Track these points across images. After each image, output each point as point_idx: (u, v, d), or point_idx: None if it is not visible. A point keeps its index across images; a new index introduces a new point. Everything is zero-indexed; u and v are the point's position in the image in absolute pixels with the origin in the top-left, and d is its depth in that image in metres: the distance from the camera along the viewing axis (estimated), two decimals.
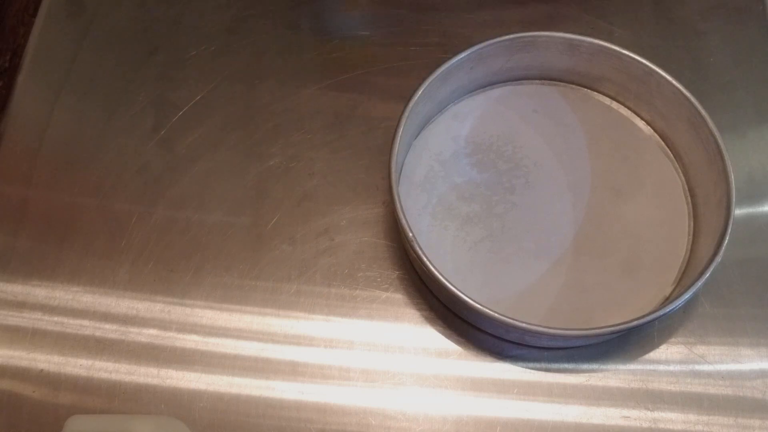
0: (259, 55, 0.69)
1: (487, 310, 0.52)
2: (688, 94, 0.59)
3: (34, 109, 0.66)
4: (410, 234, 0.54)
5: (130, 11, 0.71)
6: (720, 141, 0.57)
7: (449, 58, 0.59)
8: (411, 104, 0.58)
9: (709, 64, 0.69)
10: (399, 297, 0.59)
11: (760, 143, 0.65)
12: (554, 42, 0.61)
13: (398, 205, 0.55)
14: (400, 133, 0.57)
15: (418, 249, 0.54)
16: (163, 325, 0.58)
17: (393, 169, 0.56)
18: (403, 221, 0.54)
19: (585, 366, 0.57)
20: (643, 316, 0.52)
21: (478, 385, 0.56)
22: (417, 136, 0.63)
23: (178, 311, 0.59)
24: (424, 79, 0.59)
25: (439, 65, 0.59)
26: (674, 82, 0.59)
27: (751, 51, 0.70)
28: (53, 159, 0.64)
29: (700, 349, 0.58)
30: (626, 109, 0.65)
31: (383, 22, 0.70)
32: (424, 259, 0.54)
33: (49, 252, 0.60)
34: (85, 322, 0.58)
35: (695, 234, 0.59)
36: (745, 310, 0.59)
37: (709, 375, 0.57)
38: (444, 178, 0.62)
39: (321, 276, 0.60)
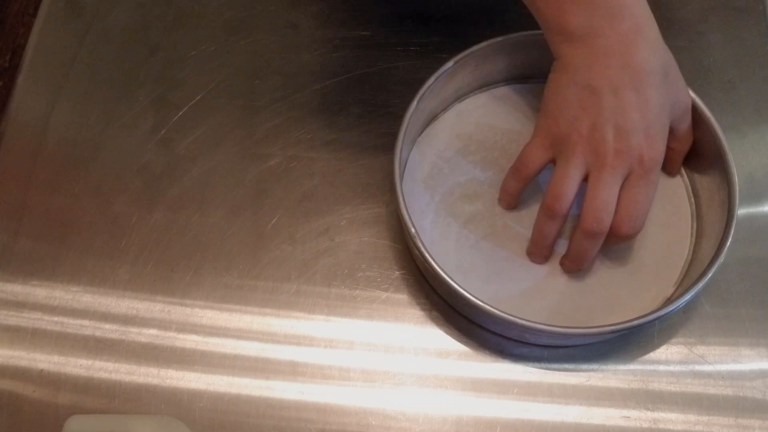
0: (259, 54, 0.69)
1: (489, 307, 0.52)
2: (692, 94, 0.59)
3: (34, 109, 0.66)
4: (413, 230, 0.54)
5: (130, 11, 0.71)
6: (724, 142, 0.57)
7: (454, 57, 0.59)
8: (416, 101, 0.58)
9: (709, 64, 0.69)
10: (399, 297, 0.59)
11: (760, 143, 0.65)
12: None
13: (401, 202, 0.55)
14: (405, 129, 0.57)
15: (420, 245, 0.54)
16: (163, 325, 0.58)
17: (397, 166, 0.56)
18: (406, 217, 0.55)
19: (585, 366, 0.57)
20: (644, 316, 0.52)
21: (479, 385, 0.56)
22: (421, 134, 0.63)
23: (178, 311, 0.59)
24: (428, 77, 0.59)
25: (443, 64, 0.59)
26: None
27: (751, 51, 0.70)
28: (53, 159, 0.64)
29: (700, 350, 0.58)
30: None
31: (384, 22, 0.70)
32: (426, 255, 0.54)
33: (49, 252, 0.60)
34: (85, 322, 0.58)
35: (698, 235, 0.59)
36: (745, 310, 0.59)
37: (709, 375, 0.57)
38: (448, 175, 0.62)
39: (321, 276, 0.60)
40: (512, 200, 0.59)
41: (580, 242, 0.55)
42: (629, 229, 0.54)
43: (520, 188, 0.58)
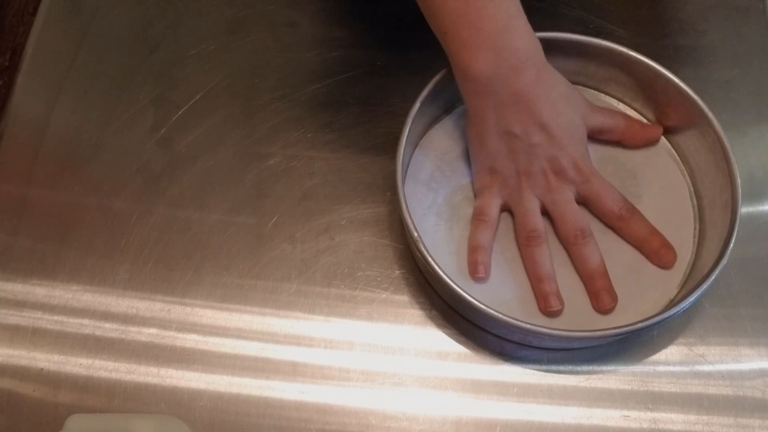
0: (259, 54, 0.69)
1: (492, 311, 0.52)
2: (695, 96, 0.59)
3: (34, 109, 0.66)
4: (415, 234, 0.54)
5: (130, 10, 0.71)
6: (727, 144, 0.57)
7: None
8: (418, 103, 0.58)
9: (709, 63, 0.69)
10: (399, 297, 0.59)
11: (760, 143, 0.65)
12: (562, 43, 0.61)
13: (404, 204, 0.55)
14: (407, 131, 0.57)
15: (422, 248, 0.54)
16: (163, 324, 0.58)
17: (399, 168, 0.56)
18: (408, 220, 0.54)
19: (585, 367, 0.57)
20: (647, 319, 0.52)
21: (479, 386, 0.56)
22: (424, 135, 0.63)
23: (178, 310, 0.59)
24: (430, 78, 0.59)
25: (444, 66, 0.59)
26: (682, 84, 0.59)
27: (751, 50, 0.70)
28: (53, 159, 0.64)
29: (701, 349, 0.58)
30: (633, 110, 0.64)
31: (384, 22, 0.70)
32: (429, 258, 0.54)
33: (49, 251, 0.60)
34: (85, 321, 0.58)
35: (700, 237, 0.59)
36: (745, 310, 0.59)
37: (709, 375, 0.57)
38: (450, 178, 0.61)
39: (321, 275, 0.60)
40: (487, 255, 0.58)
41: (581, 254, 0.58)
42: (615, 204, 0.58)
43: (492, 237, 0.59)
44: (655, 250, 0.58)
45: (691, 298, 0.53)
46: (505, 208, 0.60)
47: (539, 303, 0.57)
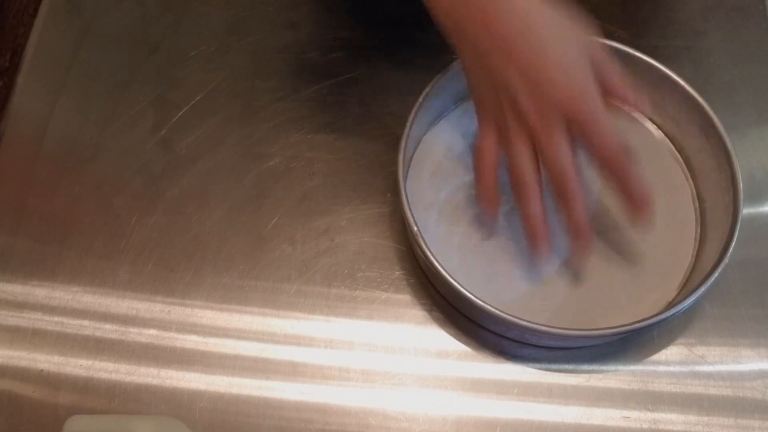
0: (259, 54, 0.69)
1: (491, 308, 0.52)
2: (700, 99, 0.59)
3: (34, 109, 0.66)
4: (415, 228, 0.54)
5: (130, 11, 0.71)
6: (730, 147, 0.57)
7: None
8: (418, 103, 0.58)
9: (709, 63, 0.69)
10: (399, 297, 0.59)
11: (761, 143, 0.65)
12: None
13: (404, 200, 0.55)
14: (408, 131, 0.57)
15: (422, 243, 0.54)
16: (163, 325, 0.58)
17: (401, 163, 0.56)
18: (409, 215, 0.55)
19: (585, 367, 0.57)
20: (646, 319, 0.52)
21: (479, 386, 0.56)
22: (426, 132, 0.63)
23: (178, 311, 0.59)
24: (432, 76, 0.59)
25: (447, 63, 0.59)
26: (686, 86, 0.59)
27: (751, 51, 0.70)
28: (53, 159, 0.64)
29: (701, 350, 0.58)
30: (637, 112, 0.64)
31: (385, 22, 0.70)
32: (428, 254, 0.54)
33: (49, 252, 0.60)
34: (85, 323, 0.58)
35: (701, 239, 0.59)
36: (745, 310, 0.59)
37: (709, 375, 0.57)
38: (453, 174, 0.61)
39: (321, 276, 0.60)
40: (493, 195, 0.56)
41: (566, 202, 0.54)
42: (610, 142, 0.52)
43: (493, 180, 0.56)
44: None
45: (691, 299, 0.53)
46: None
47: (531, 244, 0.56)
